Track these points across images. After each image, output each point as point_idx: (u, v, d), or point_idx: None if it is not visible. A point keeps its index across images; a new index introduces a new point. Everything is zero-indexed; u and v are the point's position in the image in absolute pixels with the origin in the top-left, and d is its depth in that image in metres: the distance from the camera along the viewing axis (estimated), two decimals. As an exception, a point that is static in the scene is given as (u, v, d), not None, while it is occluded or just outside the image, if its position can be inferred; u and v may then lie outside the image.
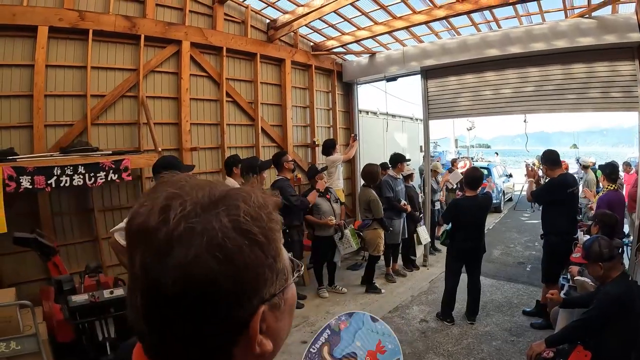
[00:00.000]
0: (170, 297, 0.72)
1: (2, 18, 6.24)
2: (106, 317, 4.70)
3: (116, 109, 7.50)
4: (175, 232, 0.73)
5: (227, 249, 0.73)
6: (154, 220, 0.75)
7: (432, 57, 9.74)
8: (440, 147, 26.95)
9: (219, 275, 0.72)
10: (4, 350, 4.46)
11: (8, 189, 5.38)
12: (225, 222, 0.75)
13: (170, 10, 8.21)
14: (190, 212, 0.75)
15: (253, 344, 0.80)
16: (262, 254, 0.78)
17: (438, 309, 7.26)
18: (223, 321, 0.76)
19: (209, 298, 0.73)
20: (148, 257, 0.74)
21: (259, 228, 0.78)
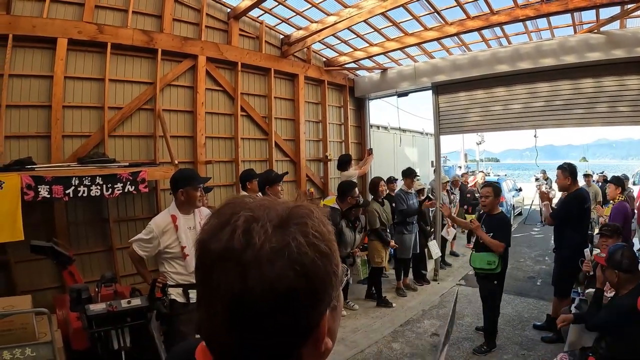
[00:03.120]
0: (256, 310, 0.78)
1: (22, 29, 6.22)
2: (122, 326, 4.53)
3: (133, 122, 7.43)
4: (260, 252, 0.78)
5: (304, 263, 0.80)
6: (238, 243, 0.80)
7: (443, 73, 9.65)
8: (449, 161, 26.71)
9: (298, 287, 0.79)
10: (18, 357, 4.38)
11: (26, 197, 5.33)
12: (300, 240, 0.81)
13: (187, 25, 8.18)
14: (270, 234, 0.80)
15: (320, 344, 0.87)
16: (329, 264, 0.85)
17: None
18: (299, 327, 0.83)
19: (289, 308, 0.79)
20: (235, 276, 0.78)
21: (324, 242, 0.85)
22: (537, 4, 7.13)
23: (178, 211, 4.61)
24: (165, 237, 4.53)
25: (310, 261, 0.80)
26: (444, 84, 9.79)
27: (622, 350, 3.88)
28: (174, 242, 4.53)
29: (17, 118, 6.32)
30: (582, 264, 6.02)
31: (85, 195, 5.80)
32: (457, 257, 11.64)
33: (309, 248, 0.81)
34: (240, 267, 0.78)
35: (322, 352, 0.89)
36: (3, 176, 5.26)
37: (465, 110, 9.64)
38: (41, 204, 5.77)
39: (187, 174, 4.82)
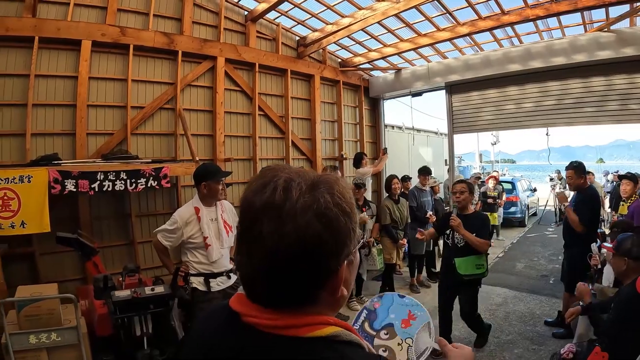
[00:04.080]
0: (289, 252, 0.94)
1: (47, 32, 6.40)
2: (145, 313, 4.67)
3: (154, 120, 7.58)
4: (296, 205, 0.96)
5: (329, 217, 0.97)
6: (279, 198, 0.97)
7: (456, 73, 9.65)
8: (464, 161, 26.42)
9: (323, 235, 0.96)
10: (44, 341, 4.49)
11: (53, 191, 5.45)
12: (327, 198, 0.98)
13: (206, 28, 8.31)
14: (304, 191, 0.98)
15: (337, 290, 1.04)
16: (349, 221, 1.02)
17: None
18: (322, 270, 0.99)
19: (315, 253, 0.96)
20: (274, 224, 0.95)
21: (346, 203, 1.02)
22: (547, 4, 7.13)
23: (201, 203, 4.71)
24: (189, 228, 4.62)
25: (334, 215, 0.97)
26: (457, 83, 9.80)
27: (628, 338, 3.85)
28: (196, 232, 4.62)
29: (43, 116, 6.49)
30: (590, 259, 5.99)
31: (110, 189, 5.91)
32: None
33: (333, 205, 0.98)
34: (280, 217, 0.95)
35: (338, 297, 1.06)
36: (31, 171, 5.40)
37: (478, 110, 9.64)
38: (66, 198, 5.91)
39: (210, 168, 4.91)
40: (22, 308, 4.50)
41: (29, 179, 5.32)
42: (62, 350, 4.58)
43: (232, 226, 4.85)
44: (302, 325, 0.98)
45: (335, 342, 0.99)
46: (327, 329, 0.99)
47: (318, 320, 1.00)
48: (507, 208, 15.51)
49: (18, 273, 6.00)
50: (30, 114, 6.28)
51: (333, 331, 1.00)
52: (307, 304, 1.02)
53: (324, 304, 1.05)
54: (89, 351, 4.76)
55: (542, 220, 17.71)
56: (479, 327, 6.44)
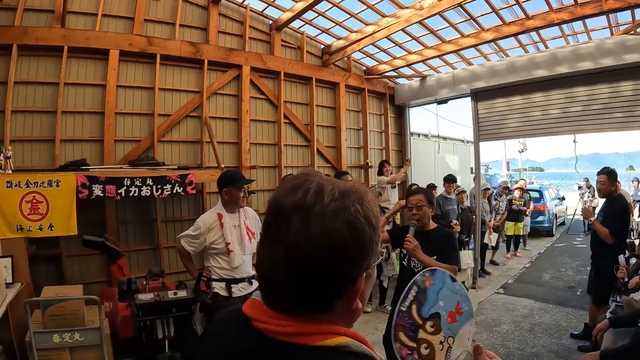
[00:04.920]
0: (313, 254, 0.93)
1: (76, 41, 6.58)
2: (168, 316, 4.70)
3: (181, 128, 7.65)
4: (327, 208, 0.96)
5: (356, 225, 0.97)
6: (310, 199, 0.97)
7: (481, 80, 9.48)
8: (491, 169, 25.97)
9: (349, 242, 0.95)
10: (67, 340, 4.55)
11: (81, 195, 5.55)
12: (357, 207, 0.98)
13: (231, 37, 8.36)
14: (337, 196, 0.98)
15: (353, 301, 1.03)
16: (374, 234, 1.01)
17: (485, 330, 6.86)
18: (342, 277, 0.98)
19: (337, 258, 0.95)
20: (301, 224, 0.95)
21: (373, 216, 1.02)
22: (572, 7, 6.95)
23: (224, 210, 4.67)
24: (211, 234, 4.58)
25: (361, 225, 0.97)
26: (483, 90, 9.60)
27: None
28: (219, 238, 4.58)
29: (72, 123, 6.64)
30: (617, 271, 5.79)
31: (136, 195, 6.00)
32: (496, 265, 11.28)
33: (362, 215, 0.98)
34: (308, 218, 0.95)
35: (353, 309, 1.04)
36: (60, 175, 5.52)
37: (504, 117, 9.42)
38: (94, 203, 5.98)
39: (232, 175, 4.88)
40: (47, 308, 4.55)
41: (58, 183, 5.42)
42: (85, 350, 4.63)
43: (254, 233, 4.81)
44: (312, 333, 0.97)
45: (344, 353, 0.97)
46: (337, 338, 0.97)
47: (328, 330, 0.98)
48: (534, 217, 15.01)
49: (45, 274, 6.13)
50: (60, 120, 6.44)
51: (343, 341, 0.98)
52: (321, 312, 1.00)
53: (339, 315, 1.02)
54: (111, 352, 4.80)
55: (571, 229, 17.06)
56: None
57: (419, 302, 1.90)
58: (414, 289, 1.94)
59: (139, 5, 7.19)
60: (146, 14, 7.32)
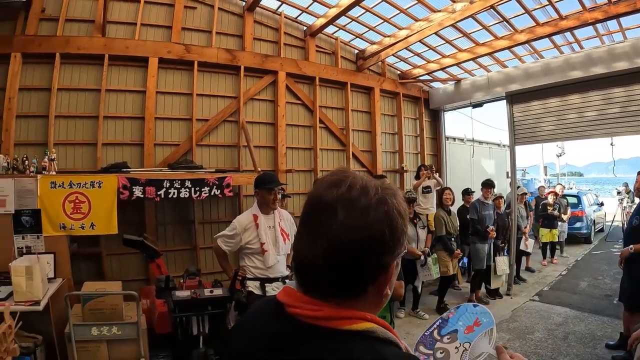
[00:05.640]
0: (354, 242, 0.98)
1: (116, 50, 6.82)
2: (203, 313, 4.76)
3: (218, 132, 7.73)
4: (371, 201, 1.01)
5: (393, 216, 1.02)
6: (356, 193, 1.02)
7: (516, 82, 9.23)
8: (528, 174, 25.25)
9: (386, 233, 1.00)
10: (105, 334, 4.65)
11: (122, 196, 5.68)
12: (393, 201, 1.04)
13: (267, 44, 8.43)
14: (378, 191, 1.03)
15: (385, 285, 1.07)
16: (403, 223, 1.06)
17: (518, 337, 6.63)
18: (378, 264, 1.03)
19: (378, 246, 1.00)
20: (347, 215, 0.99)
21: (403, 209, 1.07)
22: (605, 6, 6.72)
23: (259, 211, 4.68)
24: (247, 234, 4.59)
25: (395, 217, 1.03)
26: (518, 93, 9.34)
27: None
28: (254, 238, 4.58)
29: (114, 128, 6.84)
30: None
31: (175, 196, 6.08)
32: (532, 272, 10.92)
33: (396, 208, 1.03)
34: (355, 209, 1.00)
35: (383, 294, 1.08)
36: (102, 177, 5.68)
37: (540, 120, 9.12)
38: (134, 204, 6.12)
39: (263, 178, 4.88)
40: (87, 302, 4.66)
41: (100, 184, 5.57)
42: (122, 343, 4.72)
43: (289, 234, 4.80)
44: (340, 317, 1.00)
45: (370, 338, 1.00)
46: (364, 324, 1.00)
47: (356, 315, 1.01)
48: (572, 223, 14.30)
49: (85, 271, 6.31)
50: (102, 125, 6.66)
51: (369, 326, 1.00)
52: (353, 298, 1.03)
53: (368, 300, 1.06)
54: (147, 347, 4.87)
55: (609, 236, 16.30)
56: None
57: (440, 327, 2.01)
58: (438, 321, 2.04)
59: (176, 15, 7.38)
60: (183, 23, 7.49)
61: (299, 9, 8.42)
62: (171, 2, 7.40)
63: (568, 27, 7.36)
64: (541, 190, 13.33)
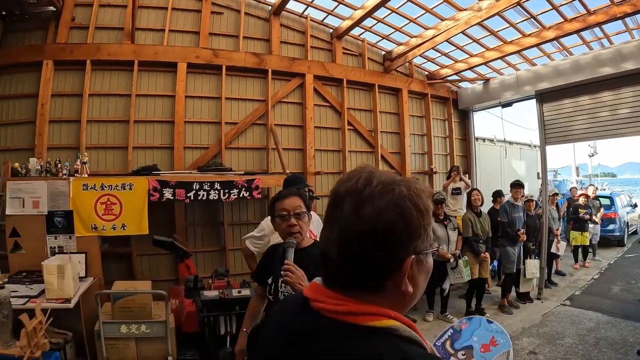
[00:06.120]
0: (363, 232, 0.98)
1: (146, 56, 6.94)
2: (231, 313, 4.76)
3: (247, 135, 7.75)
4: (374, 190, 1.01)
5: (402, 207, 0.99)
6: (361, 184, 1.03)
7: (545, 80, 8.95)
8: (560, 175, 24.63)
9: (395, 222, 0.98)
10: (134, 332, 4.71)
11: (152, 198, 5.74)
12: (403, 191, 1.01)
13: (294, 47, 8.43)
14: (384, 182, 1.02)
15: (401, 281, 1.02)
16: (421, 218, 1.01)
17: (548, 343, 6.41)
18: (390, 257, 0.99)
19: (387, 237, 0.98)
20: (353, 206, 1.00)
21: (421, 202, 1.02)
22: (634, -1, 6.57)
23: None
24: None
25: (407, 207, 0.99)
26: (548, 91, 9.04)
27: None
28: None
29: (144, 131, 6.94)
30: None
31: (204, 198, 6.12)
32: (563, 276, 10.56)
33: (408, 199, 1.00)
34: (359, 200, 1.00)
35: (403, 291, 1.03)
36: (133, 179, 5.80)
37: (570, 118, 8.82)
38: (164, 205, 6.20)
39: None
40: (117, 300, 4.71)
41: (131, 186, 5.67)
42: (150, 341, 4.77)
43: (316, 235, 4.74)
44: (362, 313, 0.98)
45: (393, 336, 0.98)
46: (386, 321, 0.98)
47: (378, 311, 1.00)
48: (604, 225, 13.72)
49: (116, 271, 6.39)
50: (132, 129, 6.78)
51: (391, 324, 0.98)
52: (372, 292, 1.02)
53: (390, 297, 1.03)
54: (175, 345, 4.91)
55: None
56: None
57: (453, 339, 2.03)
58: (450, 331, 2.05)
59: (203, 20, 7.46)
60: (211, 28, 7.57)
61: (324, 11, 8.39)
62: (198, 8, 7.50)
63: (597, 22, 7.12)
64: (573, 192, 12.97)
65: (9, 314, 3.23)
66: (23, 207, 5.21)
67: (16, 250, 5.15)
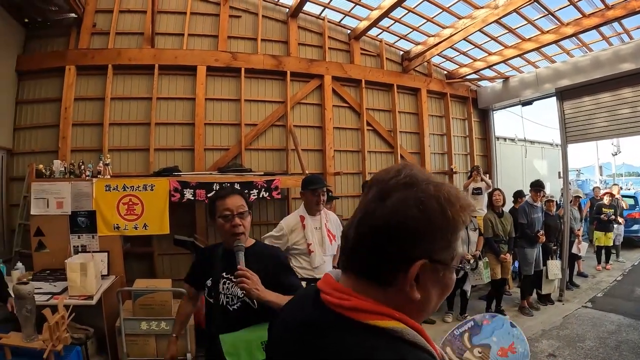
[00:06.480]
0: (378, 220, 0.97)
1: (166, 60, 7.06)
2: None
3: (267, 136, 7.79)
4: (399, 182, 0.99)
5: (425, 205, 0.95)
6: (391, 175, 1.02)
7: (565, 77, 8.79)
8: (583, 175, 24.08)
9: (414, 218, 0.94)
10: (154, 328, 4.79)
11: (173, 199, 5.81)
12: (430, 189, 0.97)
13: (312, 48, 8.44)
14: (414, 176, 1.00)
15: (406, 283, 0.97)
16: (445, 224, 0.96)
17: (568, 345, 6.28)
18: (399, 252, 0.95)
19: (401, 229, 0.94)
20: (377, 193, 1.00)
21: (451, 209, 0.96)
22: (653, -8, 6.43)
23: (306, 212, 4.65)
24: (294, 235, 4.56)
25: (431, 207, 0.95)
26: (568, 89, 8.86)
27: None
28: (301, 239, 4.55)
29: (165, 134, 7.04)
30: None
31: None
32: (585, 277, 10.32)
33: (434, 199, 0.96)
34: (383, 188, 1.00)
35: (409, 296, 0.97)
36: (154, 180, 5.88)
37: (591, 116, 8.63)
38: (185, 206, 6.26)
39: (309, 179, 4.85)
40: (138, 298, 4.82)
41: (152, 187, 5.75)
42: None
43: (335, 235, 4.74)
44: (366, 310, 0.97)
45: (393, 338, 0.94)
46: (389, 322, 0.96)
47: (383, 311, 0.97)
48: (628, 226, 13.28)
49: (137, 269, 6.47)
50: (153, 131, 6.87)
51: (395, 325, 0.95)
52: (379, 286, 0.99)
53: (396, 297, 0.99)
54: (194, 342, 4.98)
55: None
56: None
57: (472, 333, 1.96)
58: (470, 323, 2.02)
59: (221, 24, 7.54)
60: (229, 32, 7.64)
61: (341, 12, 8.38)
62: (216, 12, 7.59)
63: (615, 17, 6.95)
64: (596, 192, 12.68)
65: (32, 308, 3.28)
66: (47, 208, 5.37)
67: (40, 249, 5.30)
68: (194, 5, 7.48)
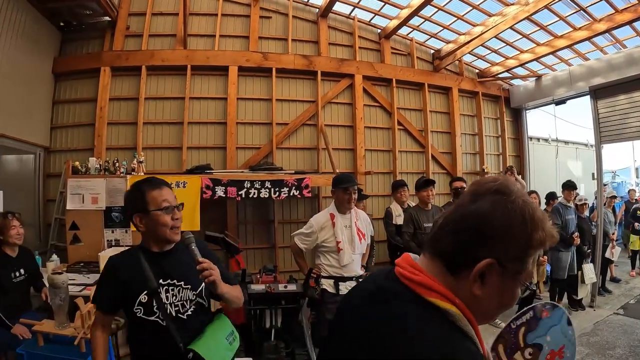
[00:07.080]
0: (468, 213, 1.04)
1: (198, 61, 7.16)
2: (277, 307, 4.78)
3: (298, 136, 7.78)
4: (493, 188, 1.05)
5: (510, 212, 1.00)
6: (485, 182, 1.08)
7: (599, 75, 8.46)
8: (619, 177, 23.27)
9: (496, 219, 1.00)
10: None
11: (205, 196, 5.86)
12: (519, 203, 1.02)
13: (342, 48, 8.39)
14: (507, 187, 1.05)
15: (467, 277, 1.01)
16: (522, 235, 1.00)
17: (597, 353, 6.04)
18: (477, 245, 1.01)
19: (482, 225, 1.01)
20: (471, 194, 1.07)
21: (531, 224, 1.01)
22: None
23: (336, 210, 4.60)
24: (323, 233, 4.52)
25: (515, 217, 1.00)
26: (602, 87, 8.55)
27: None
28: (330, 237, 4.50)
29: (197, 132, 7.12)
30: None
31: (255, 196, 6.19)
32: (618, 282, 9.96)
33: (519, 211, 1.01)
34: (476, 190, 1.07)
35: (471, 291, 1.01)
36: (186, 177, 5.93)
37: (626, 115, 8.34)
38: (216, 203, 6.33)
39: (339, 178, 4.80)
40: None
41: (184, 184, 5.79)
42: None
43: (365, 234, 4.68)
44: (430, 288, 1.02)
45: (445, 320, 0.99)
46: (446, 303, 1.00)
47: (444, 292, 1.01)
48: None
49: None
50: (186, 130, 6.97)
51: (450, 308, 0.99)
52: (448, 272, 1.04)
53: (460, 287, 1.03)
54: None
55: None
56: None
57: (529, 327, 1.87)
58: (529, 313, 1.90)
59: (252, 25, 7.60)
60: (260, 32, 7.68)
61: (371, 12, 8.33)
62: (247, 14, 7.64)
63: (648, 11, 6.77)
64: (632, 194, 12.22)
65: (65, 297, 3.29)
66: (82, 203, 5.50)
67: (75, 242, 5.42)
68: (225, 7, 7.57)
